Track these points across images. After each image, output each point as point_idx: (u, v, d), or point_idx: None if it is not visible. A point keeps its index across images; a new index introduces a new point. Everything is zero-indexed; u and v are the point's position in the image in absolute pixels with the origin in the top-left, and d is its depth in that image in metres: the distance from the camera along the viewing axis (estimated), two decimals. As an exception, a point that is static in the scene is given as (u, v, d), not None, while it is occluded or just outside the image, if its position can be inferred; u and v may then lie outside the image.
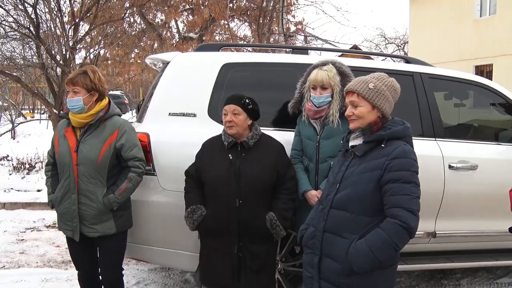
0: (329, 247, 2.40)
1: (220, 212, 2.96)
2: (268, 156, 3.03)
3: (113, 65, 15.91)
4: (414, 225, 2.22)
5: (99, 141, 2.96)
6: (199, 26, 15.88)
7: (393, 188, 2.25)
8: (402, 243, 2.26)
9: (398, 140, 2.36)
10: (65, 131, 3.03)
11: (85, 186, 2.95)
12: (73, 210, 2.96)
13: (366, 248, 2.24)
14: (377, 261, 2.24)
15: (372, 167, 2.33)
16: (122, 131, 3.02)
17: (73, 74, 2.99)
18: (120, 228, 3.08)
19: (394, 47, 31.84)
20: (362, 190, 2.32)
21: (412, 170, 2.29)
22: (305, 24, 14.52)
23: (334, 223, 2.39)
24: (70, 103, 2.96)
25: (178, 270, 4.53)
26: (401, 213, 2.22)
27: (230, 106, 3.00)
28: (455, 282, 4.44)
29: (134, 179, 3.03)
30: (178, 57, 3.66)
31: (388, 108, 2.42)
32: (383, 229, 2.24)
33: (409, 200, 2.24)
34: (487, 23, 17.19)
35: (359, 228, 2.32)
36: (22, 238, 5.69)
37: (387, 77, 2.47)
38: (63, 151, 2.98)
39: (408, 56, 5.06)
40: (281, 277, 3.60)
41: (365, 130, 2.42)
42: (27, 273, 4.48)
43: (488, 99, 4.24)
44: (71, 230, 3.01)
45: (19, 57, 11.67)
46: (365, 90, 2.39)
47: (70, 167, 2.95)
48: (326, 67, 3.20)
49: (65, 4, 9.89)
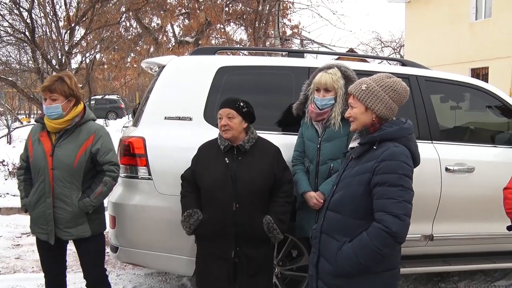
0: (324, 248, 2.44)
1: (216, 216, 2.95)
2: (265, 159, 3.02)
3: (109, 69, 15.88)
4: (398, 230, 2.16)
5: (75, 146, 3.01)
6: (195, 30, 15.88)
7: (379, 191, 2.22)
8: (386, 248, 2.20)
9: (392, 141, 2.31)
10: (39, 136, 3.05)
11: (60, 190, 2.98)
12: (48, 214, 3.00)
13: (350, 252, 2.25)
14: (361, 265, 2.22)
15: (363, 170, 2.31)
16: (97, 136, 3.07)
17: (49, 82, 3.00)
18: (94, 231, 3.12)
19: (390, 50, 31.94)
20: (353, 193, 2.32)
21: (399, 173, 2.22)
22: (301, 28, 14.55)
23: (329, 225, 2.43)
24: (48, 110, 2.98)
25: (175, 274, 4.51)
26: (384, 217, 2.18)
27: (225, 109, 2.99)
28: (453, 285, 4.44)
29: (109, 183, 3.08)
30: (173, 61, 3.65)
31: (384, 110, 2.36)
32: (367, 233, 2.22)
33: (393, 204, 2.18)
34: (482, 26, 17.24)
35: (350, 230, 2.31)
36: (18, 243, 5.65)
37: (388, 77, 2.42)
38: (38, 155, 3.01)
39: (404, 59, 5.06)
40: (278, 281, 3.58)
41: (363, 131, 2.41)
42: (23, 279, 4.46)
43: (484, 102, 4.25)
44: (46, 234, 3.05)
45: (15, 62, 11.64)
46: (358, 91, 2.39)
47: (45, 171, 2.98)
48: (331, 70, 3.22)
49: (60, 8, 9.87)
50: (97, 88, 20.43)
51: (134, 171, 3.38)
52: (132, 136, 3.43)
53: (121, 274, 4.65)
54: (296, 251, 3.69)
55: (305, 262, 3.55)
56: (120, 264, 4.83)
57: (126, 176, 3.43)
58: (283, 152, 3.15)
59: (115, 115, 28.84)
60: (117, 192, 3.53)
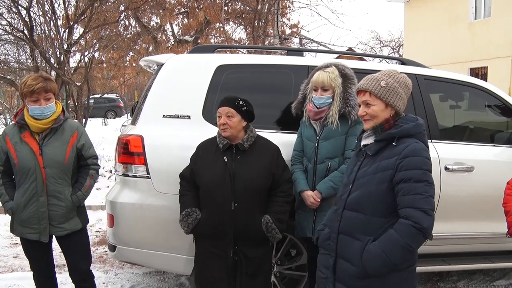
0: (344, 249, 2.35)
1: (215, 216, 2.94)
2: (264, 158, 3.00)
3: (108, 68, 15.86)
4: (427, 225, 2.16)
5: (62, 143, 3.07)
6: (194, 29, 15.87)
7: (405, 187, 2.19)
8: (416, 244, 2.20)
9: (410, 137, 2.29)
10: (22, 136, 3.04)
11: (53, 187, 3.04)
12: (41, 212, 3.03)
13: (379, 251, 2.18)
14: (391, 263, 2.18)
15: (384, 166, 2.27)
16: (80, 132, 3.17)
17: (42, 82, 2.98)
18: (83, 223, 3.23)
19: (389, 50, 31.95)
20: (375, 191, 2.27)
21: (423, 169, 2.22)
22: (300, 27, 14.53)
23: (348, 225, 2.34)
24: (45, 111, 3.00)
25: (173, 274, 4.49)
26: (414, 213, 2.16)
27: (224, 108, 2.97)
28: (452, 284, 4.43)
29: (94, 176, 3.23)
30: (172, 59, 3.63)
31: (402, 105, 2.36)
32: (396, 230, 2.18)
33: (421, 199, 2.17)
34: (481, 26, 17.25)
35: (373, 229, 2.26)
36: (15, 242, 5.63)
37: (398, 72, 2.41)
38: (25, 156, 3.01)
39: (403, 57, 5.06)
40: (277, 280, 3.57)
41: (377, 128, 2.35)
42: (21, 277, 4.43)
43: (484, 101, 4.24)
44: (37, 233, 3.07)
45: (13, 60, 11.62)
46: (377, 88, 2.32)
47: (36, 171, 3.00)
48: (328, 69, 3.20)
49: (59, 7, 9.85)
50: (96, 87, 20.41)
51: (132, 170, 3.37)
52: (130, 134, 3.41)
53: (119, 273, 4.63)
54: (295, 250, 3.68)
55: (304, 261, 3.54)
56: (118, 263, 4.81)
57: (124, 174, 3.42)
58: (282, 151, 3.13)
59: (114, 114, 28.80)
60: (115, 191, 3.52)
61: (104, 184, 8.13)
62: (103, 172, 8.96)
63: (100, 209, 6.86)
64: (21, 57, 11.80)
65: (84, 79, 9.56)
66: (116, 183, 3.70)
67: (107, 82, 17.43)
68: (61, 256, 3.72)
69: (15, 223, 3.14)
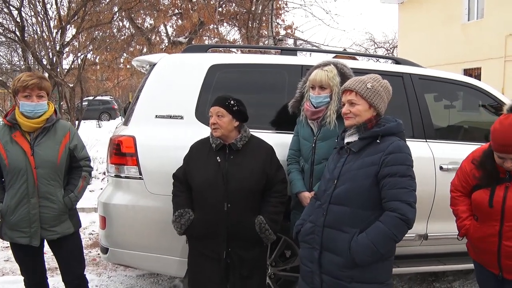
0: (330, 241, 2.47)
1: (208, 216, 2.90)
2: (257, 158, 2.97)
3: (102, 70, 15.78)
4: (412, 217, 2.33)
5: (55, 144, 3.02)
6: (188, 31, 15.81)
7: (391, 182, 2.35)
8: (401, 235, 2.36)
9: (393, 136, 2.47)
10: (13, 136, 2.98)
11: (45, 188, 2.98)
12: (33, 214, 2.96)
13: (368, 242, 2.33)
14: (379, 253, 2.34)
15: (369, 162, 2.42)
16: (72, 133, 3.13)
17: (36, 79, 2.96)
18: (76, 226, 3.17)
19: (383, 51, 32.03)
20: (361, 185, 2.42)
21: (407, 164, 2.40)
22: (295, 28, 14.52)
23: (334, 218, 2.47)
24: (37, 107, 2.96)
25: (167, 276, 4.45)
26: (400, 206, 2.32)
27: (215, 108, 2.94)
28: (447, 284, 4.41)
29: (87, 178, 3.17)
30: (164, 59, 3.60)
31: (383, 108, 2.55)
32: (383, 222, 2.34)
33: (406, 193, 2.34)
34: (475, 27, 17.33)
35: (359, 222, 2.41)
36: (6, 246, 5.54)
37: (381, 78, 2.60)
38: (16, 157, 2.94)
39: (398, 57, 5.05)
40: (271, 282, 3.53)
41: (360, 127, 2.51)
42: (12, 281, 4.37)
43: (478, 100, 4.23)
44: (28, 237, 2.99)
45: (5, 61, 11.53)
46: (364, 89, 2.50)
47: (27, 171, 2.94)
48: (327, 68, 3.16)
49: (51, 7, 9.77)
50: (90, 89, 20.31)
51: (124, 171, 3.32)
52: (122, 135, 3.37)
53: (112, 276, 4.59)
54: (289, 252, 3.64)
55: (299, 263, 3.50)
56: (112, 265, 4.76)
57: (117, 175, 3.37)
58: (277, 151, 3.10)
59: (108, 116, 28.70)
60: (107, 192, 3.47)
61: (98, 186, 8.08)
62: (96, 174, 8.91)
63: (93, 211, 6.80)
64: (13, 58, 11.72)
65: (77, 80, 9.48)
66: (108, 185, 3.65)
67: (101, 84, 17.33)
68: (53, 258, 3.67)
69: (4, 227, 3.04)
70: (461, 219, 2.77)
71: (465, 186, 2.76)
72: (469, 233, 2.71)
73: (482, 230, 2.61)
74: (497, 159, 2.47)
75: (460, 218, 2.77)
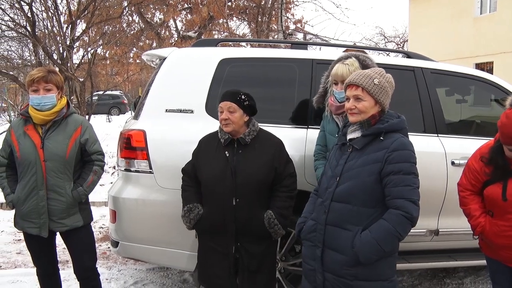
0: (332, 239, 2.42)
1: (216, 211, 2.89)
2: (266, 152, 2.94)
3: (111, 64, 15.84)
4: (416, 215, 2.29)
5: (64, 137, 3.05)
6: (197, 25, 15.79)
7: (394, 179, 2.30)
8: (405, 233, 2.32)
9: (396, 132, 2.41)
10: (25, 129, 3.05)
11: (54, 181, 3.01)
12: (41, 206, 3.01)
13: (371, 240, 2.28)
14: (383, 251, 2.29)
15: (372, 159, 2.36)
16: (84, 127, 3.14)
17: (43, 72, 3.01)
18: (86, 220, 3.18)
19: (393, 45, 31.78)
20: (364, 183, 2.35)
21: (411, 162, 2.35)
22: (305, 22, 14.45)
23: (337, 216, 2.41)
24: (44, 100, 3.00)
25: (177, 270, 4.47)
26: (404, 203, 2.28)
27: (226, 103, 2.91)
28: (458, 281, 4.38)
29: (98, 172, 3.17)
30: (175, 53, 3.59)
31: (388, 104, 2.48)
32: (386, 220, 2.29)
33: (410, 190, 2.30)
34: (487, 21, 17.13)
35: (362, 219, 2.36)
36: (19, 239, 5.62)
37: (385, 72, 2.51)
38: (27, 149, 3.01)
39: (409, 51, 5.00)
40: (281, 276, 3.53)
41: (363, 123, 2.44)
42: (24, 274, 4.43)
43: (491, 94, 4.18)
44: (38, 227, 3.05)
45: (16, 56, 11.60)
46: (371, 85, 2.41)
47: (36, 164, 2.98)
48: (348, 61, 3.08)
49: (62, 2, 9.81)
50: (100, 84, 20.41)
51: (134, 165, 3.33)
52: (132, 129, 3.38)
53: (122, 269, 4.61)
54: (299, 246, 3.63)
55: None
56: (122, 259, 4.79)
57: (127, 169, 3.38)
58: (287, 145, 3.08)
59: (118, 111, 28.82)
60: (117, 186, 3.48)
61: (108, 180, 8.11)
62: (107, 168, 8.95)
63: (103, 205, 6.85)
64: (24, 53, 11.79)
65: (87, 74, 9.52)
66: (118, 179, 3.66)
67: (110, 78, 17.41)
68: (65, 252, 3.69)
69: (17, 217, 3.14)
70: (474, 217, 2.74)
71: (475, 184, 2.74)
72: (485, 230, 2.68)
73: (498, 225, 2.61)
74: (508, 152, 2.47)
75: (474, 217, 2.75)
